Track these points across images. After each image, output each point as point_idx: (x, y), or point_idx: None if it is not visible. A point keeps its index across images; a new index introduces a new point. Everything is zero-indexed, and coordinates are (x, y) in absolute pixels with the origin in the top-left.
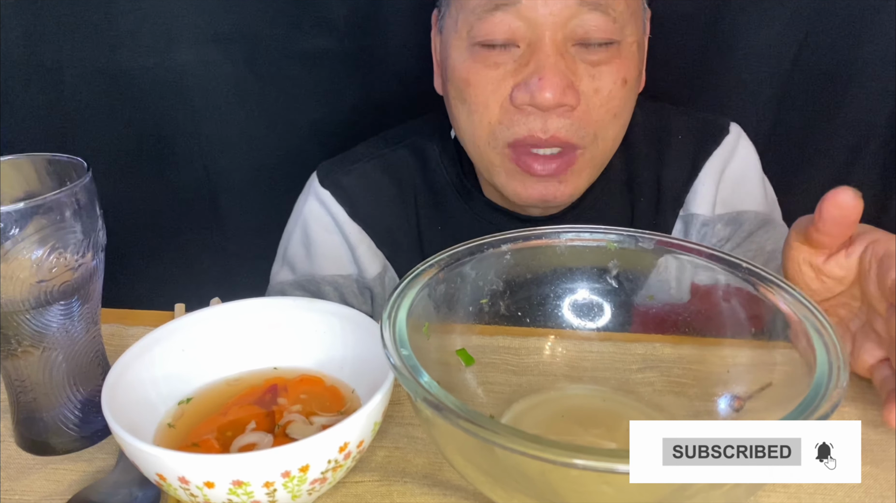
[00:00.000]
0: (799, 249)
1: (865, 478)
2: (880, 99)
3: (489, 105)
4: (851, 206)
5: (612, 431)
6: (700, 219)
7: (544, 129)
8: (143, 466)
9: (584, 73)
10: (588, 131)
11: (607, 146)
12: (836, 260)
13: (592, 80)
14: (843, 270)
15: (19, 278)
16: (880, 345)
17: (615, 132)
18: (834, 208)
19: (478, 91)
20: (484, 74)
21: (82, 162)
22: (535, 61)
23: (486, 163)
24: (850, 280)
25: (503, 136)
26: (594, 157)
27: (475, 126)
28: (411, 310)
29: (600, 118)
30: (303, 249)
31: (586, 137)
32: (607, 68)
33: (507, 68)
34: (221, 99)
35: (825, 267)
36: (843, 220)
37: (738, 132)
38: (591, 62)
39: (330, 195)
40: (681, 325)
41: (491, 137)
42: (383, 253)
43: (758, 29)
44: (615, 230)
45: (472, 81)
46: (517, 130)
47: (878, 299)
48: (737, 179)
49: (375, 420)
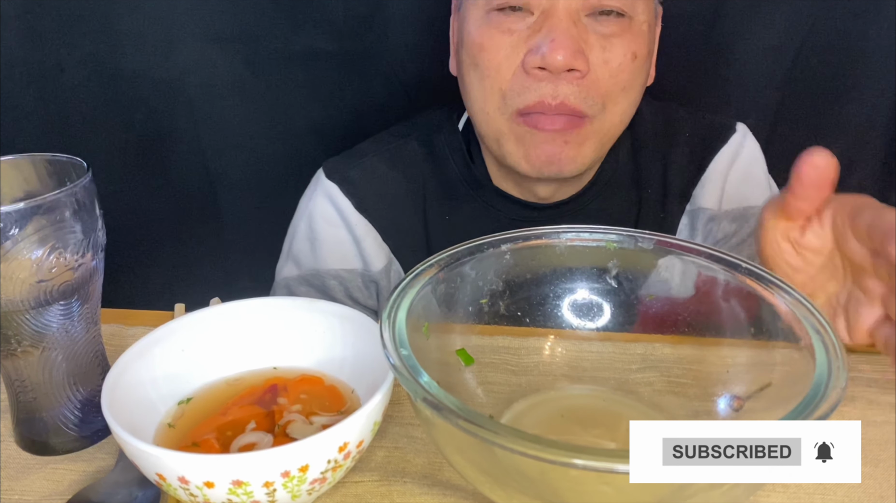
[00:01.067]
0: (774, 227)
1: (865, 478)
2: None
3: (501, 70)
4: (825, 166)
5: (612, 431)
6: (707, 213)
7: (554, 94)
8: (143, 466)
9: (595, 44)
10: (597, 100)
11: (615, 119)
12: (812, 230)
13: (603, 51)
14: (820, 239)
15: (19, 278)
16: (873, 304)
17: (623, 107)
18: (811, 169)
19: (491, 55)
20: (498, 39)
21: (82, 162)
22: (548, 27)
23: (494, 131)
24: (827, 249)
25: (513, 102)
26: (601, 129)
27: (486, 92)
28: (411, 310)
29: (609, 89)
30: (308, 244)
31: (595, 106)
32: (618, 41)
33: (521, 35)
34: (221, 99)
35: (803, 239)
36: (821, 181)
37: (745, 131)
38: (603, 34)
39: (337, 188)
40: (681, 325)
41: (501, 103)
42: (389, 246)
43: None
44: (615, 230)
45: (486, 46)
46: (527, 97)
47: (861, 253)
48: (743, 177)
49: (375, 420)
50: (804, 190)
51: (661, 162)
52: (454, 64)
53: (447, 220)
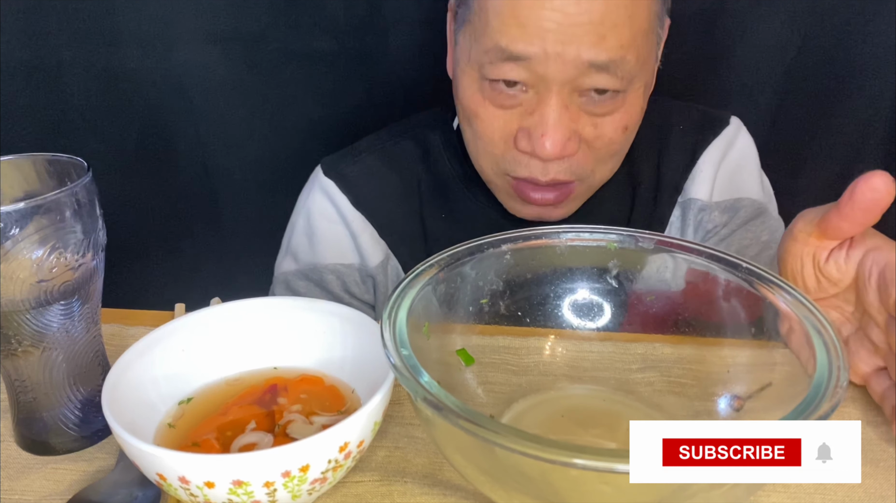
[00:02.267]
0: (805, 242)
1: (865, 478)
2: (880, 98)
3: (494, 140)
4: (885, 191)
5: (612, 431)
6: (698, 204)
7: (544, 173)
8: (144, 466)
9: (587, 123)
10: (586, 170)
11: (605, 177)
12: (835, 259)
13: (594, 129)
14: (840, 273)
15: (19, 278)
16: (876, 354)
17: (611, 165)
18: (869, 191)
19: (485, 126)
20: (492, 112)
21: (82, 162)
22: (540, 114)
23: (489, 182)
24: (845, 284)
25: (506, 168)
26: (591, 186)
27: (481, 153)
28: (411, 310)
29: (599, 158)
30: (306, 239)
31: (584, 174)
32: (610, 118)
33: (514, 113)
34: (221, 99)
35: (825, 265)
36: (874, 206)
37: (738, 125)
38: (596, 113)
39: (334, 185)
40: (681, 325)
41: (495, 166)
42: (385, 242)
43: (758, 29)
44: (615, 230)
45: (480, 115)
46: (518, 170)
47: (877, 309)
48: (735, 168)
49: (375, 420)
50: (853, 211)
51: (655, 156)
52: (451, 64)
53: (443, 217)
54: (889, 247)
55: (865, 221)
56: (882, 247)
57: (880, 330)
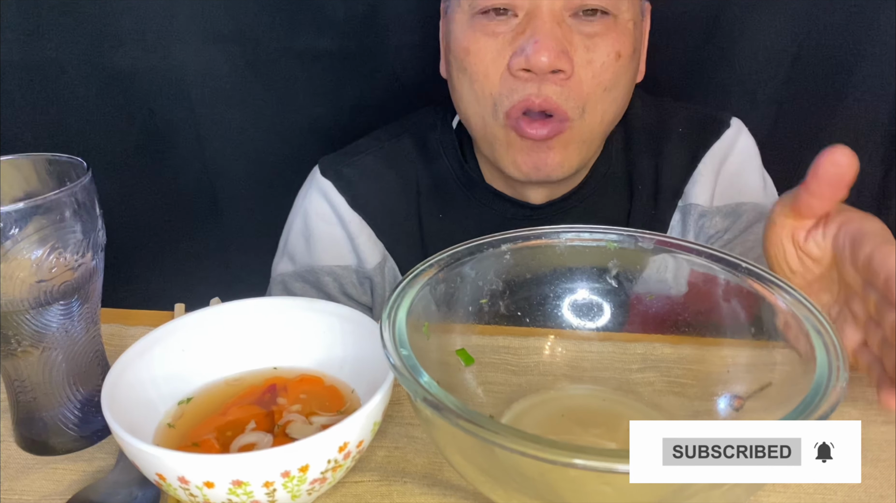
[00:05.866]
0: (783, 225)
1: (865, 478)
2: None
3: (489, 74)
4: (846, 164)
5: (612, 431)
6: (698, 210)
7: (538, 93)
8: (143, 466)
9: (579, 44)
10: (578, 102)
11: (595, 121)
12: (814, 238)
13: (587, 52)
14: (820, 250)
15: (19, 278)
16: (858, 326)
17: (604, 106)
18: (830, 166)
19: (477, 59)
20: (484, 43)
21: (82, 162)
22: (532, 28)
23: (489, 136)
24: (827, 261)
25: (502, 105)
26: (581, 131)
27: (477, 96)
28: (411, 310)
29: (591, 90)
30: (303, 240)
31: (575, 109)
32: (602, 40)
33: (506, 38)
34: (221, 99)
35: (805, 245)
36: (838, 180)
37: (739, 126)
38: (587, 34)
39: (331, 185)
40: (681, 325)
41: (493, 108)
42: (383, 243)
43: (758, 29)
44: (615, 230)
45: (471, 50)
46: (514, 97)
47: (854, 278)
48: (736, 172)
49: (375, 420)
50: (819, 186)
51: (654, 158)
52: (444, 67)
53: (441, 217)
54: (860, 217)
55: (833, 196)
56: (853, 218)
57: (859, 300)
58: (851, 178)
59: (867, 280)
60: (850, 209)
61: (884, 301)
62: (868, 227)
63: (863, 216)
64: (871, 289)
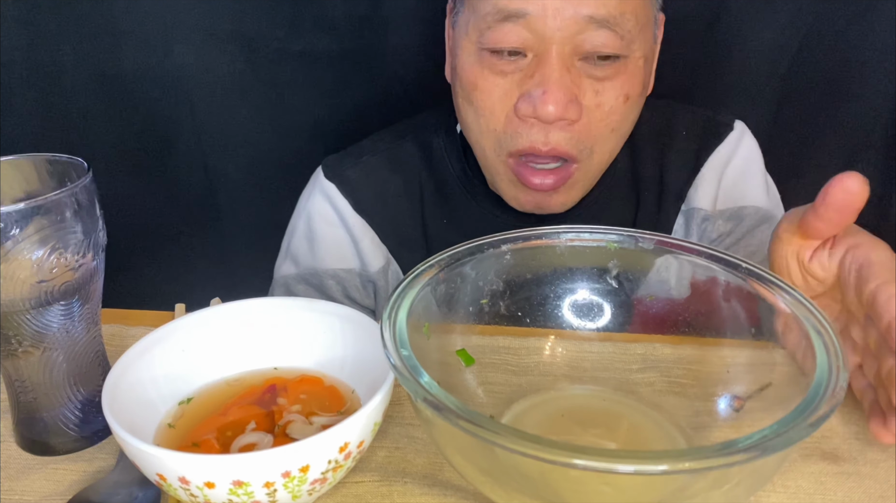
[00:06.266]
0: (789, 242)
1: (865, 478)
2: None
3: (495, 112)
4: (858, 192)
5: (612, 431)
6: (701, 213)
7: (545, 141)
8: (144, 466)
9: (588, 88)
10: (586, 145)
11: (603, 160)
12: (819, 258)
13: (596, 95)
14: (824, 271)
15: (19, 278)
16: (855, 352)
17: (611, 146)
18: (841, 192)
19: (484, 97)
20: (492, 81)
21: (82, 162)
22: (541, 74)
23: (490, 168)
24: (830, 282)
25: (507, 144)
26: (588, 171)
27: (482, 131)
28: (411, 311)
29: (599, 132)
30: (306, 243)
31: (584, 151)
32: (611, 84)
33: (514, 78)
34: (221, 99)
35: (809, 264)
36: (847, 207)
37: (743, 129)
38: (596, 77)
39: (335, 188)
40: (681, 325)
41: (496, 145)
42: (387, 246)
43: (758, 29)
44: (615, 230)
45: (479, 86)
46: (520, 141)
47: (857, 306)
48: (739, 175)
49: (375, 420)
50: (828, 211)
51: (658, 161)
52: (449, 71)
53: (444, 221)
54: (869, 244)
55: (841, 222)
56: (862, 244)
57: (859, 327)
58: (860, 205)
59: (869, 316)
60: (859, 231)
61: (884, 343)
62: (875, 258)
63: (872, 242)
64: (872, 326)
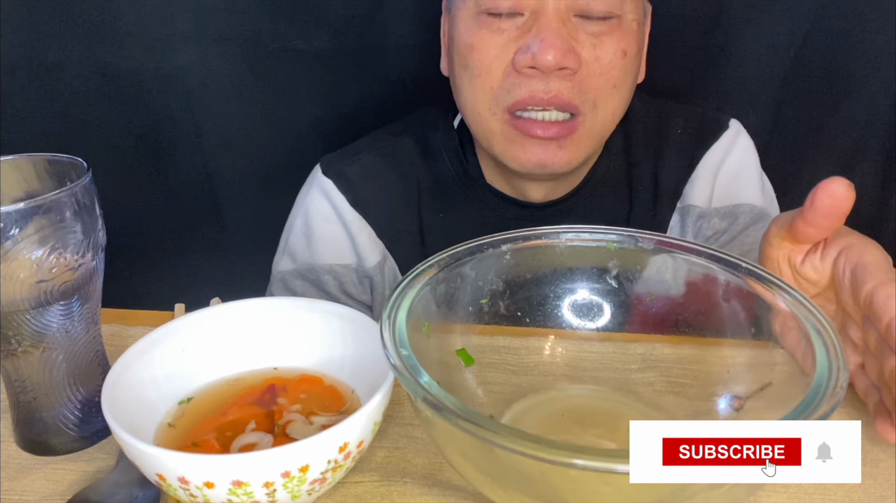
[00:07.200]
0: (779, 246)
1: (865, 478)
2: (880, 98)
3: (491, 69)
4: (844, 197)
5: (612, 431)
6: (696, 211)
7: (546, 89)
8: (143, 466)
9: (586, 41)
10: (588, 97)
11: (606, 118)
12: (811, 261)
13: (593, 49)
14: (817, 274)
15: (19, 278)
16: (856, 352)
17: (614, 104)
18: (827, 198)
19: (481, 55)
20: (488, 39)
21: (82, 162)
22: (538, 27)
23: (486, 131)
24: (823, 284)
25: (504, 100)
26: (593, 128)
27: (477, 91)
28: (411, 310)
29: (599, 86)
30: (303, 239)
31: (586, 103)
32: (608, 39)
33: (511, 34)
34: (221, 99)
35: (801, 267)
36: (835, 211)
37: (738, 128)
38: (592, 33)
39: (332, 184)
40: (681, 325)
41: (492, 103)
42: (383, 242)
43: (758, 29)
44: (615, 230)
45: (475, 46)
46: (518, 93)
47: (854, 308)
48: (734, 173)
49: (375, 420)
50: (815, 217)
51: (653, 159)
52: (445, 64)
53: (441, 217)
54: (861, 245)
55: (829, 226)
56: (854, 245)
57: (858, 327)
58: (847, 209)
59: (868, 317)
60: (850, 232)
61: (884, 344)
62: (869, 258)
63: (863, 243)
64: (871, 327)
